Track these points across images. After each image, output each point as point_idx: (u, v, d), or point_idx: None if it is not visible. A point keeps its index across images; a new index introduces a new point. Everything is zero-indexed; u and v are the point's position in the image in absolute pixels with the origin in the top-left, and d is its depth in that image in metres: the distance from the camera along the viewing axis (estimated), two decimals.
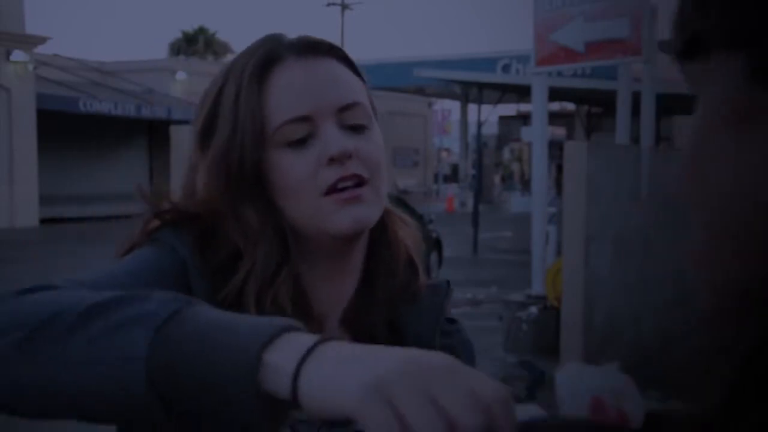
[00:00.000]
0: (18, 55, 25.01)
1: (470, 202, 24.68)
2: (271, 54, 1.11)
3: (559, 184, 12.17)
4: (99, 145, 30.05)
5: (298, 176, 1.06)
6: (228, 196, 1.07)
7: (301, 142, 1.07)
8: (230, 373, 0.68)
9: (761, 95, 0.48)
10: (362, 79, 1.20)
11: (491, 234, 20.99)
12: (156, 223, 1.09)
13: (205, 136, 1.15)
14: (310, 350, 0.69)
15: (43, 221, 25.71)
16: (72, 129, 28.32)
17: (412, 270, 1.20)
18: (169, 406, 0.72)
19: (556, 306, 7.38)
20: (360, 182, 1.07)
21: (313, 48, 1.12)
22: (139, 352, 0.72)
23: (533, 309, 7.75)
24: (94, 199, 29.23)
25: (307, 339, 0.71)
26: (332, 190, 1.06)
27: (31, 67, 25.45)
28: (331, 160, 1.06)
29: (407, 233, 1.22)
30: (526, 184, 33.29)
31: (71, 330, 0.75)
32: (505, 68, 28.93)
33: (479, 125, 26.04)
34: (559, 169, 13.85)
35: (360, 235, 1.11)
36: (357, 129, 1.12)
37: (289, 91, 1.08)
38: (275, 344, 0.70)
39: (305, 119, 1.07)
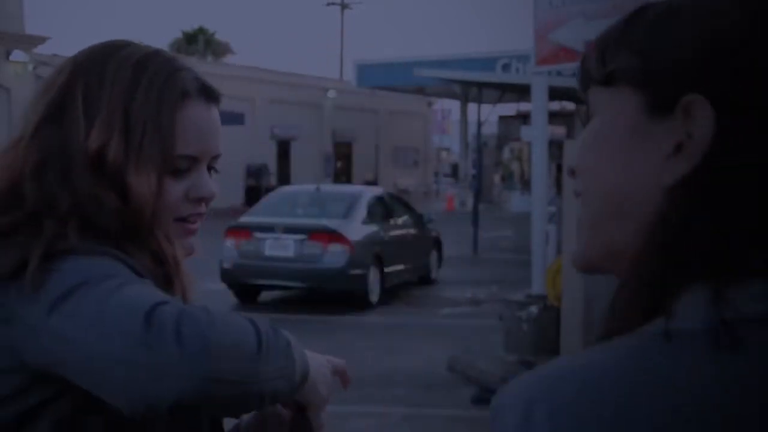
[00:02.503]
0: (18, 55, 25.02)
1: (470, 202, 24.68)
2: (186, 88, 1.25)
3: (559, 184, 12.17)
4: None
5: (168, 199, 1.24)
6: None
7: (179, 173, 1.24)
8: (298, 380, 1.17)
9: (648, 122, 0.69)
10: None
11: (491, 234, 21.00)
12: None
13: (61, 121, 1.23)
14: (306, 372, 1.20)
15: None
16: None
17: None
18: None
19: (556, 306, 7.39)
20: (201, 219, 1.34)
21: (214, 96, 1.30)
22: (294, 374, 1.15)
23: (533, 309, 7.75)
24: None
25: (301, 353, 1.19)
26: (181, 219, 1.28)
27: (30, 67, 25.46)
28: (198, 199, 1.28)
29: None
30: (526, 184, 33.28)
31: (259, 355, 1.09)
32: (505, 68, 28.91)
33: (479, 125, 26.04)
34: (559, 168, 13.86)
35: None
36: (212, 172, 1.32)
37: (191, 130, 1.24)
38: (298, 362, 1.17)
39: (193, 158, 1.25)
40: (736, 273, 0.66)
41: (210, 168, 1.30)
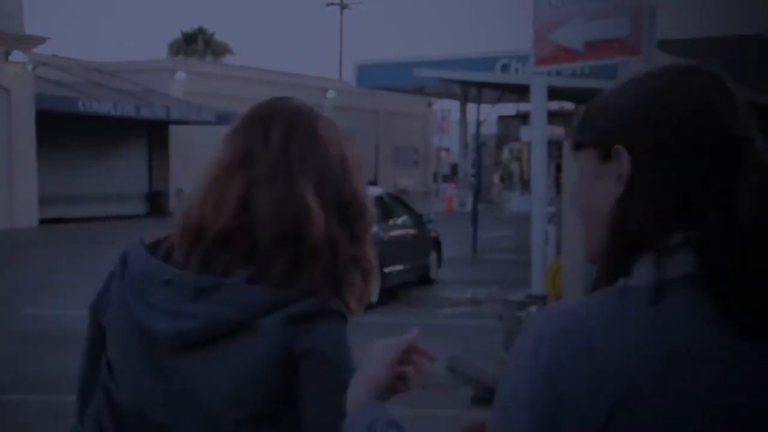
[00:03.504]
0: (17, 56, 25.00)
1: (470, 202, 24.67)
2: None
3: (558, 184, 12.16)
4: (98, 145, 30.04)
5: None
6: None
7: None
8: None
9: (601, 166, 1.12)
10: None
11: (491, 234, 20.99)
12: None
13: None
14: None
15: (43, 221, 25.71)
16: (71, 129, 28.31)
17: None
18: None
19: None
20: None
21: None
22: None
23: (533, 309, 7.75)
24: (93, 200, 29.22)
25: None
26: None
27: (30, 67, 25.44)
28: None
29: None
30: (525, 184, 33.25)
31: None
32: (505, 68, 28.90)
33: (478, 125, 26.02)
34: (559, 168, 13.86)
35: None
36: None
37: None
38: None
39: None
40: (667, 247, 1.04)
41: None
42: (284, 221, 1.50)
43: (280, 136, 1.55)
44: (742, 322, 1.01)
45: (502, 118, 38.18)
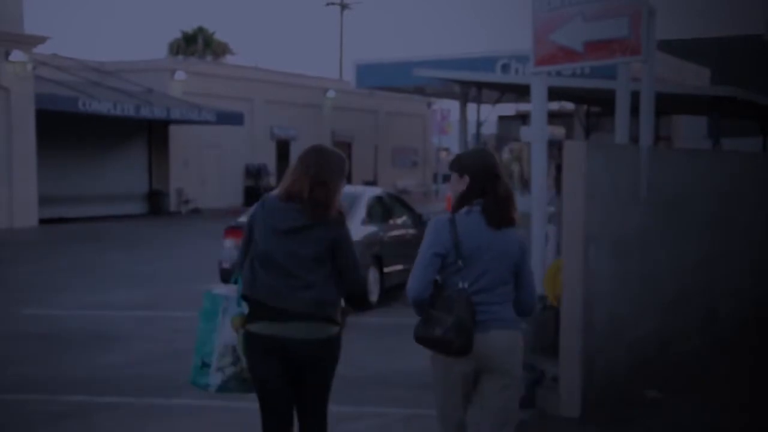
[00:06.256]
0: (17, 55, 25.00)
1: None
2: None
3: (558, 184, 12.16)
4: (98, 145, 30.05)
5: None
6: None
7: None
8: None
9: (460, 179, 4.04)
10: None
11: None
12: None
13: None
14: None
15: (43, 221, 25.71)
16: (71, 129, 28.31)
17: None
18: None
19: (555, 306, 7.38)
20: None
21: None
22: None
23: None
24: (93, 200, 29.22)
25: None
26: None
27: (30, 67, 25.44)
28: None
29: None
30: (525, 184, 33.25)
31: None
32: (504, 68, 28.89)
33: (478, 125, 26.01)
34: (559, 168, 13.83)
35: None
36: None
37: None
38: None
39: None
40: (475, 203, 3.87)
41: None
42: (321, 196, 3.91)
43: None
44: (490, 222, 3.81)
45: (502, 118, 38.19)
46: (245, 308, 3.85)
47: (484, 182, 3.80)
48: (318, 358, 3.89)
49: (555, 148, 16.39)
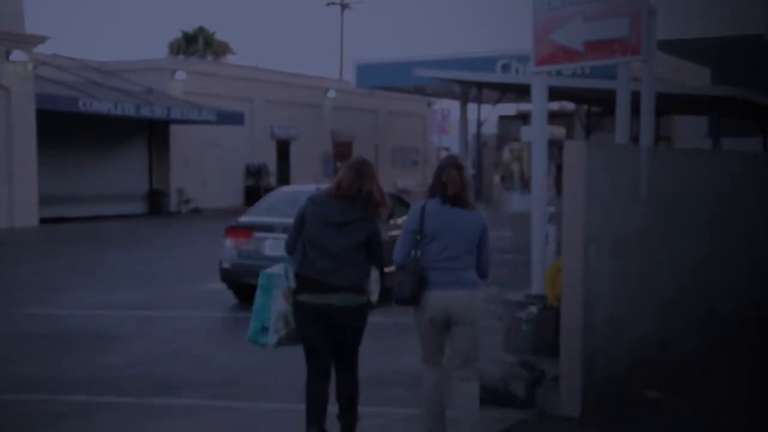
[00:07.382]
0: (17, 55, 24.99)
1: None
2: None
3: (558, 184, 12.16)
4: (98, 145, 30.04)
5: None
6: None
7: None
8: None
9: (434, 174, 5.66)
10: None
11: (491, 234, 20.89)
12: None
13: None
14: None
15: (43, 221, 25.70)
16: (72, 129, 28.30)
17: None
18: None
19: (555, 306, 7.38)
20: None
21: None
22: None
23: (533, 309, 7.75)
24: (93, 199, 29.21)
25: None
26: None
27: (30, 66, 25.44)
28: None
29: None
30: (525, 184, 33.23)
31: None
32: (505, 68, 28.89)
33: (479, 125, 26.03)
34: (559, 168, 13.83)
35: None
36: None
37: None
38: None
39: None
40: (437, 194, 5.26)
41: None
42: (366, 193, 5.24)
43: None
44: (446, 201, 5.19)
45: (502, 118, 38.17)
46: (292, 283, 5.15)
47: (441, 176, 5.22)
48: (352, 320, 5.19)
49: (555, 148, 16.40)
